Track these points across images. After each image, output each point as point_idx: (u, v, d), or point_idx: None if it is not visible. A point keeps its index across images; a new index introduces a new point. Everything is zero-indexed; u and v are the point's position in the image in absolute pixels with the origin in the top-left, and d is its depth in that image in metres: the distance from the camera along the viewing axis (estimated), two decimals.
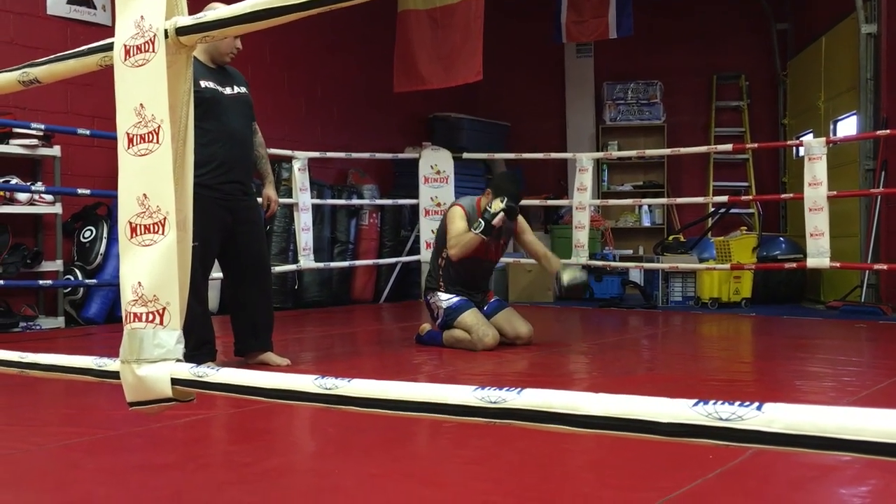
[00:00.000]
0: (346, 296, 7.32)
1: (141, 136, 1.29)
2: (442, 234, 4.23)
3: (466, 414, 0.94)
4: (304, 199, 6.26)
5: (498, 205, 3.94)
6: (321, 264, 6.59)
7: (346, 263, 7.03)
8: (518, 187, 4.15)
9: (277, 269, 6.30)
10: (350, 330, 5.66)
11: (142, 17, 1.28)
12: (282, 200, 6.54)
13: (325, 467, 2.08)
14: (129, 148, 1.30)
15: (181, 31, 1.27)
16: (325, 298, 7.05)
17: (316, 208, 6.62)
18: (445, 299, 4.19)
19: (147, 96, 1.29)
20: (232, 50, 3.45)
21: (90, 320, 5.52)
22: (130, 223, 1.29)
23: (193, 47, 1.32)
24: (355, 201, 7.30)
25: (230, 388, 1.18)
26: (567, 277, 4.10)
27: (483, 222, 3.96)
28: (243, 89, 3.54)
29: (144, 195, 1.28)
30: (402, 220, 7.74)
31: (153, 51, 1.28)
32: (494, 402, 0.92)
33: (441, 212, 7.13)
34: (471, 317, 4.10)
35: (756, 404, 0.76)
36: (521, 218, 4.29)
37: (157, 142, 1.28)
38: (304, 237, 6.25)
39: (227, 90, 3.45)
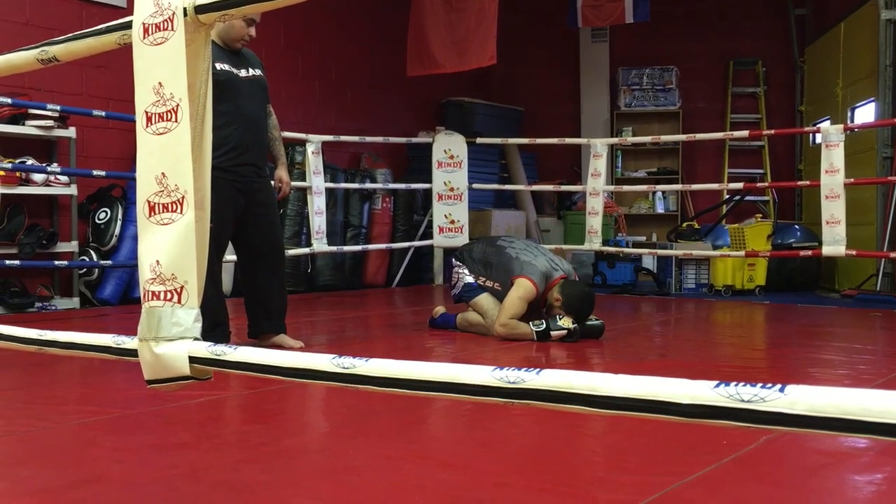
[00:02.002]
0: (359, 280, 7.33)
1: (159, 114, 1.29)
2: (503, 273, 4.02)
3: (485, 394, 0.94)
4: (317, 182, 6.26)
5: (567, 323, 3.81)
6: (334, 248, 6.60)
7: (358, 247, 7.04)
8: (591, 310, 4.00)
9: (290, 252, 6.30)
10: (362, 313, 5.67)
11: None
12: (295, 184, 6.55)
13: (340, 448, 2.09)
14: (147, 126, 1.30)
15: (200, 9, 1.26)
16: (338, 282, 7.06)
17: (329, 192, 6.61)
18: (468, 274, 4.18)
19: (166, 75, 1.29)
20: (244, 36, 3.44)
21: (105, 301, 5.55)
22: (149, 202, 1.29)
23: (212, 26, 1.31)
24: (368, 185, 7.29)
25: (248, 366, 1.18)
26: (568, 321, 3.84)
27: (545, 329, 3.84)
28: (258, 72, 3.54)
29: (163, 174, 1.29)
30: (415, 204, 7.73)
31: (172, 29, 1.27)
32: (513, 383, 0.92)
33: (454, 196, 7.12)
34: (487, 300, 4.09)
35: (779, 386, 0.75)
36: None
37: (176, 120, 1.28)
38: (318, 221, 6.26)
39: (243, 72, 3.45)
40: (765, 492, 1.74)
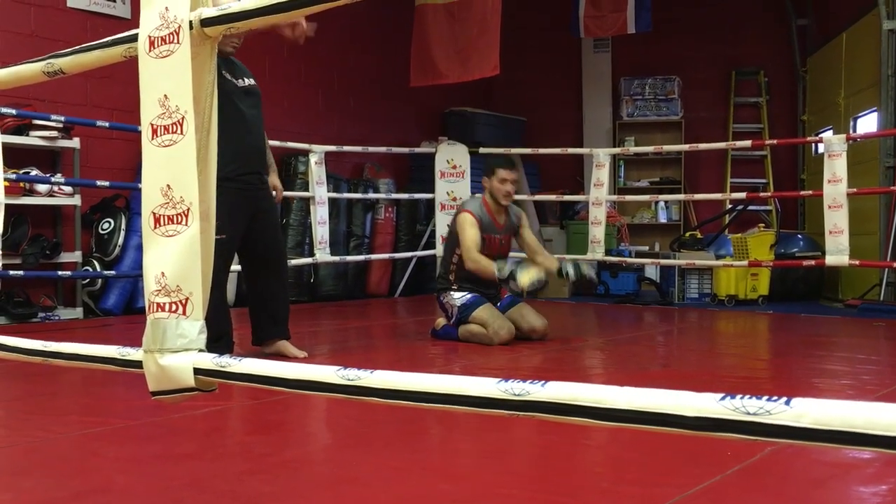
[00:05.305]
0: (362, 290, 7.33)
1: (165, 127, 1.30)
2: (453, 238, 4.26)
3: (490, 406, 0.94)
4: (320, 192, 6.28)
5: (526, 280, 3.84)
6: (337, 258, 6.61)
7: (361, 257, 7.05)
8: (507, 157, 4.26)
9: (293, 262, 6.31)
10: (365, 323, 5.67)
11: (167, 8, 1.29)
12: (298, 194, 6.58)
13: (344, 459, 2.09)
14: (153, 139, 1.31)
15: (206, 22, 1.27)
16: (341, 292, 7.07)
17: (332, 202, 6.63)
18: (458, 297, 4.19)
19: (171, 87, 1.29)
20: (234, 40, 3.47)
21: (108, 311, 5.56)
22: (154, 214, 1.30)
23: (217, 38, 1.32)
24: (371, 195, 7.30)
25: (253, 378, 1.18)
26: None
27: (507, 276, 3.90)
28: (253, 81, 3.60)
29: (168, 186, 1.29)
30: (417, 214, 7.74)
31: (178, 42, 1.28)
32: (518, 395, 0.92)
33: (458, 207, 7.13)
34: (485, 311, 4.10)
35: (784, 399, 0.76)
36: (522, 214, 4.31)
37: (181, 133, 1.28)
38: (320, 231, 6.27)
39: (240, 82, 3.50)
40: None
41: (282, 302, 3.64)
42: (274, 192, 3.77)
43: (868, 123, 6.99)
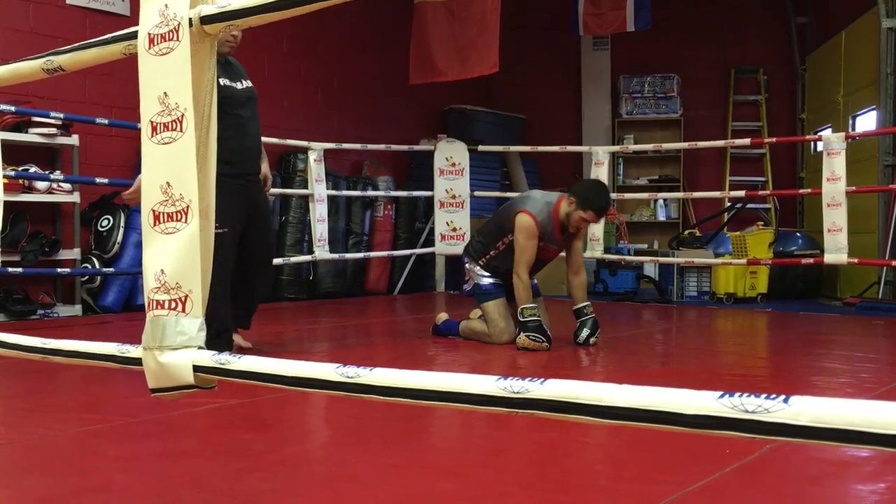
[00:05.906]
0: (361, 287, 7.33)
1: (164, 124, 1.30)
2: (506, 228, 4.04)
3: (489, 404, 0.94)
4: (319, 190, 6.27)
5: (520, 344, 3.79)
6: (336, 255, 6.61)
7: (360, 255, 7.04)
8: (608, 198, 4.03)
9: (292, 259, 6.32)
10: (364, 321, 5.67)
11: (166, 5, 1.29)
12: (297, 191, 6.58)
13: (343, 457, 2.09)
14: (152, 136, 1.31)
15: (205, 19, 1.27)
16: (340, 290, 7.07)
17: (331, 199, 6.63)
18: (481, 275, 4.13)
19: (171, 85, 1.29)
20: (229, 39, 3.45)
21: (107, 308, 5.55)
22: (153, 211, 1.30)
23: (217, 36, 1.32)
24: (370, 193, 7.30)
25: (252, 375, 1.18)
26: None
27: (522, 320, 3.83)
28: (250, 83, 3.62)
29: (167, 183, 1.29)
30: (416, 212, 7.74)
31: (177, 39, 1.28)
32: (517, 392, 0.92)
33: (456, 204, 7.13)
34: (496, 309, 4.06)
35: (783, 397, 0.76)
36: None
37: (181, 130, 1.28)
38: (320, 228, 6.27)
39: (238, 85, 3.52)
40: (767, 501, 1.74)
41: (259, 298, 3.85)
42: (264, 180, 3.80)
43: (867, 121, 7.00)
